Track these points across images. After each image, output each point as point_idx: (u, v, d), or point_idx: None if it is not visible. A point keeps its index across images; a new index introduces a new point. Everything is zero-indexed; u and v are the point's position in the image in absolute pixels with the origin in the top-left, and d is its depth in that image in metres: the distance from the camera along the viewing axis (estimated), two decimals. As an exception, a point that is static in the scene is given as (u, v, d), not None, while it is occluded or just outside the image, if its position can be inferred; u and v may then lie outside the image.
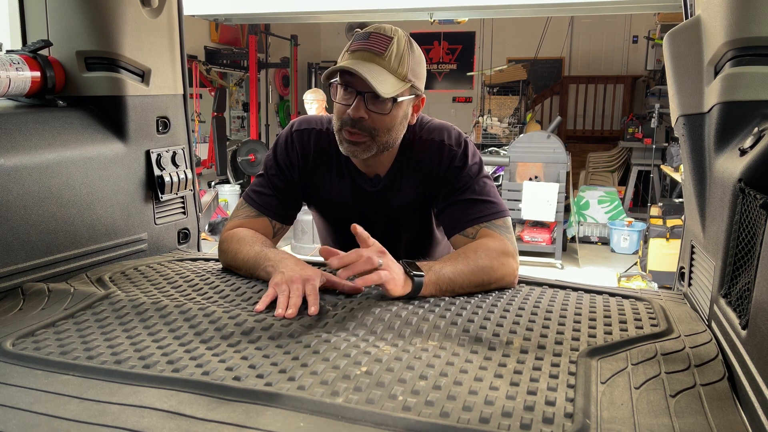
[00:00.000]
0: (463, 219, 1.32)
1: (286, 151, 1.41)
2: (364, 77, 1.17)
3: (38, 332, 0.98)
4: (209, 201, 6.29)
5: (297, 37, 8.22)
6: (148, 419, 0.71)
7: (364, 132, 1.25)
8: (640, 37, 8.41)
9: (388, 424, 0.70)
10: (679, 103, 1.24)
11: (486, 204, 1.33)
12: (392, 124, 1.27)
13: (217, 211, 6.78)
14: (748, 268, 0.87)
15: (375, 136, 1.26)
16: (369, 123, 1.24)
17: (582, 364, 0.87)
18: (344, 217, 1.48)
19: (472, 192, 1.34)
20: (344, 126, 1.26)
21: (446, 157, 1.35)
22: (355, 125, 1.24)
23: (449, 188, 1.35)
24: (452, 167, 1.35)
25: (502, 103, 7.90)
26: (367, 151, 1.28)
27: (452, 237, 1.35)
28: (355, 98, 1.23)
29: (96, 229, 1.40)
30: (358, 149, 1.27)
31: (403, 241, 1.52)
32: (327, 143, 1.40)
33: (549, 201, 5.34)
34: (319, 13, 5.80)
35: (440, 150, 1.36)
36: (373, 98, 1.22)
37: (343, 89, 1.25)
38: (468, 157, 1.36)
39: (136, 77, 1.53)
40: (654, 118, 6.25)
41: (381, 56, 1.21)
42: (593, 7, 5.54)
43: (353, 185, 1.41)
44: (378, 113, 1.24)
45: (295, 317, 1.03)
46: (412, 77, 1.26)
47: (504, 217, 1.33)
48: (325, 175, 1.42)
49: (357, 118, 1.23)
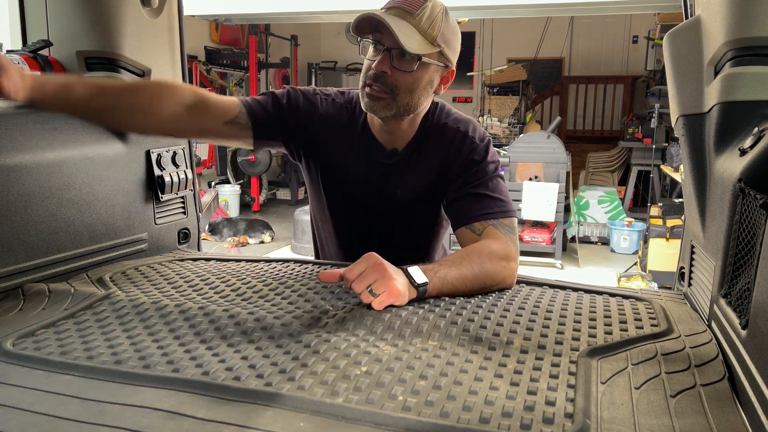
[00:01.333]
0: (472, 212, 1.32)
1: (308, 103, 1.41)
2: (391, 28, 1.18)
3: (38, 332, 0.98)
4: (209, 201, 6.30)
5: (297, 37, 8.23)
6: (148, 419, 0.71)
7: (385, 88, 1.26)
8: (640, 37, 8.42)
9: (388, 424, 0.70)
10: (679, 103, 1.24)
11: (497, 201, 1.33)
12: (415, 85, 1.28)
13: (217, 211, 6.78)
14: (748, 268, 0.87)
15: (396, 94, 1.27)
16: (391, 79, 1.26)
17: (582, 364, 0.87)
18: (349, 198, 1.47)
19: (485, 188, 1.34)
20: (368, 80, 1.28)
21: (467, 148, 1.36)
22: (377, 80, 1.26)
23: (463, 180, 1.36)
24: (471, 160, 1.36)
25: (502, 103, 7.91)
26: (386, 109, 1.29)
27: (458, 229, 1.35)
28: (381, 53, 1.25)
29: (96, 229, 1.40)
30: (378, 105, 1.28)
31: (399, 235, 1.50)
32: (349, 112, 1.42)
33: (549, 201, 5.34)
34: (319, 13, 5.80)
35: (463, 140, 1.37)
36: (398, 56, 1.24)
37: (372, 47, 1.27)
38: (488, 154, 1.38)
39: (136, 77, 1.53)
40: (654, 118, 6.26)
41: (412, 15, 1.23)
42: (593, 7, 5.54)
43: (368, 158, 1.41)
44: (401, 70, 1.25)
45: (294, 317, 1.03)
46: (442, 43, 1.27)
47: (511, 217, 1.34)
48: (344, 148, 1.42)
49: (380, 72, 1.25)
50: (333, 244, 1.59)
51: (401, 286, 1.07)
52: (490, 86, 8.18)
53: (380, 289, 1.05)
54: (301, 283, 1.24)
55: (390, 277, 1.06)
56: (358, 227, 1.52)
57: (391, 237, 1.51)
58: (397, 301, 1.07)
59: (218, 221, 6.52)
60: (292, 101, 1.40)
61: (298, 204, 8.00)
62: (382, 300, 1.05)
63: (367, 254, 1.10)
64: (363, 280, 1.06)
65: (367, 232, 1.51)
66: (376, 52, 1.27)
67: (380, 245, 1.38)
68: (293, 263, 1.43)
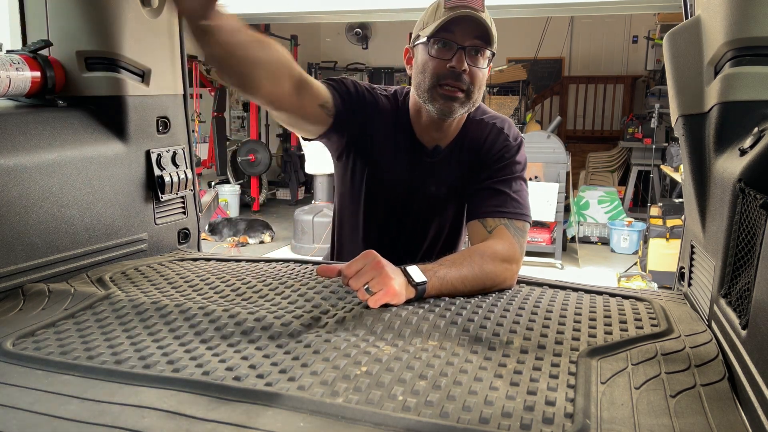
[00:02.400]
0: (488, 206, 1.33)
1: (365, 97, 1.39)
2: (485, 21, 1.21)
3: (38, 332, 0.98)
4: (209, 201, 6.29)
5: (297, 37, 8.22)
6: (148, 419, 0.71)
7: (462, 85, 1.26)
8: (640, 37, 8.41)
9: (387, 424, 0.70)
10: (679, 103, 1.24)
11: (514, 202, 1.34)
12: (484, 81, 1.30)
13: (217, 211, 6.78)
14: (748, 268, 0.87)
15: (470, 91, 1.28)
16: (468, 77, 1.26)
17: (582, 364, 0.87)
18: (389, 195, 1.46)
19: (507, 186, 1.35)
20: (443, 80, 1.26)
21: (500, 144, 1.38)
22: (458, 78, 1.25)
23: (489, 173, 1.36)
24: (501, 156, 1.37)
25: (502, 103, 7.90)
26: (461, 107, 1.29)
27: (471, 222, 1.35)
28: (455, 52, 1.25)
29: (96, 229, 1.40)
30: (456, 104, 1.28)
31: (433, 231, 1.50)
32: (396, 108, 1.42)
33: (549, 201, 5.34)
34: (319, 13, 5.79)
35: (497, 136, 1.39)
36: (472, 52, 1.25)
37: (440, 45, 1.27)
38: (518, 155, 1.39)
39: (136, 77, 1.53)
40: (654, 118, 6.25)
41: (482, 11, 1.25)
42: (593, 7, 5.52)
43: (411, 156, 1.41)
44: (477, 67, 1.26)
45: (294, 317, 1.03)
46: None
47: (525, 221, 1.34)
48: (391, 145, 1.41)
49: (461, 70, 1.24)
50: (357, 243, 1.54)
51: (398, 285, 1.07)
52: (490, 86, 8.16)
53: (376, 288, 1.05)
54: (301, 283, 1.24)
55: (387, 276, 1.06)
56: (389, 226, 1.50)
57: (417, 236, 1.51)
58: (393, 300, 1.07)
59: (218, 221, 6.51)
60: (360, 95, 1.39)
61: (298, 204, 8.00)
62: (378, 298, 1.05)
63: (365, 252, 1.10)
64: (360, 278, 1.06)
65: (396, 232, 1.50)
66: (446, 49, 1.26)
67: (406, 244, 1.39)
68: (293, 263, 1.43)
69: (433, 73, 1.27)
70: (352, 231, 1.55)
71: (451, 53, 1.26)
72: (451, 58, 1.25)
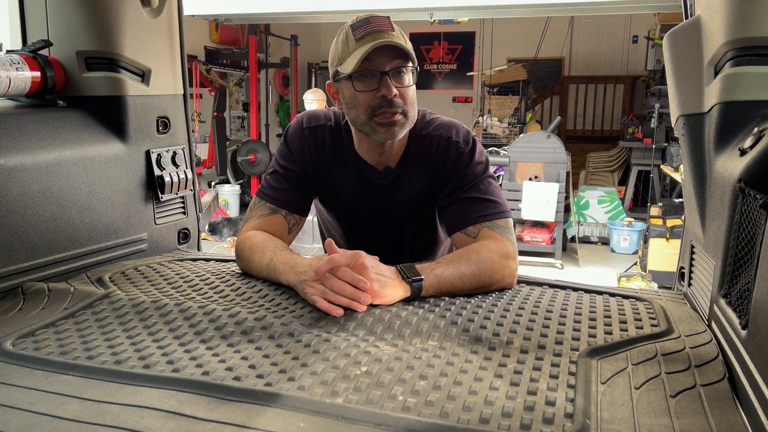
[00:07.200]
0: (466, 217, 1.32)
1: (300, 146, 1.40)
2: (399, 44, 1.20)
3: (38, 332, 0.98)
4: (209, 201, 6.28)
5: (297, 37, 8.22)
6: (148, 419, 0.71)
7: (398, 109, 1.26)
8: (640, 37, 8.41)
9: (388, 424, 0.70)
10: (679, 103, 1.24)
11: (489, 203, 1.33)
12: (414, 96, 1.29)
13: (217, 211, 6.78)
14: (748, 268, 0.87)
15: (406, 112, 1.27)
16: (399, 99, 1.25)
17: (582, 364, 0.87)
18: (353, 214, 1.49)
19: (476, 191, 1.34)
20: (377, 110, 1.25)
21: (453, 154, 1.36)
22: (391, 104, 1.24)
23: (454, 185, 1.35)
24: (459, 165, 1.35)
25: (502, 103, 7.91)
26: (402, 129, 1.29)
27: (454, 235, 1.35)
28: (380, 80, 1.24)
29: (96, 229, 1.40)
30: (396, 128, 1.27)
31: (408, 239, 1.52)
32: (339, 139, 1.41)
33: (549, 201, 5.34)
34: (319, 13, 5.80)
35: (447, 146, 1.36)
36: (395, 75, 1.25)
37: (362, 78, 1.25)
38: (475, 156, 1.36)
39: (136, 77, 1.53)
40: (654, 118, 6.25)
41: (392, 31, 1.24)
42: (593, 7, 5.53)
43: (364, 180, 1.41)
44: (404, 87, 1.26)
45: (295, 317, 1.03)
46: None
47: (506, 218, 1.33)
48: (338, 171, 1.42)
49: (392, 96, 1.24)
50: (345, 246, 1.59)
51: (378, 287, 1.08)
52: (490, 86, 8.17)
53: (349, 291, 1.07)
54: (301, 283, 1.23)
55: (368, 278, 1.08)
56: (367, 237, 1.54)
57: (397, 242, 1.52)
58: (376, 300, 1.08)
59: (218, 221, 6.51)
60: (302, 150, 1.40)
61: (298, 204, 7.97)
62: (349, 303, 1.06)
63: (355, 252, 1.11)
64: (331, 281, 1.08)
65: (375, 239, 1.52)
66: (370, 80, 1.25)
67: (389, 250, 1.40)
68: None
69: (366, 106, 1.27)
70: (336, 236, 1.59)
71: (376, 82, 1.24)
72: (378, 87, 1.24)
